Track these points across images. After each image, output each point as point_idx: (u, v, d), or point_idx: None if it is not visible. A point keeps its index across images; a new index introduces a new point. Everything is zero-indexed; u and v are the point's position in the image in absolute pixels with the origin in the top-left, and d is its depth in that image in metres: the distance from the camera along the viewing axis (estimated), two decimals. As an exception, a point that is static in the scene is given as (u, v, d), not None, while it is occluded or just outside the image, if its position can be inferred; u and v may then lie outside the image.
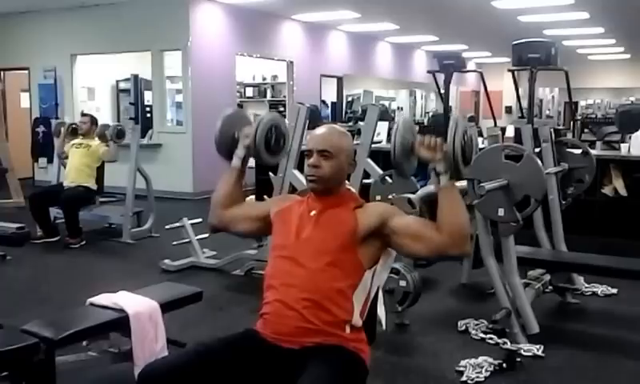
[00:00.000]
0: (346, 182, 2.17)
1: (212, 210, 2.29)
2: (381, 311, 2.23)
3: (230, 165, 2.30)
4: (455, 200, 1.95)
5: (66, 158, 6.23)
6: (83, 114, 6.44)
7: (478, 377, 3.08)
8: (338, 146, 2.06)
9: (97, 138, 6.21)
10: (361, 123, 4.83)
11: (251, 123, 2.36)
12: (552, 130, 4.48)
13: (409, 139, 2.10)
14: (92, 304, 2.86)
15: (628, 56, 16.07)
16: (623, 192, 5.75)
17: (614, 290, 4.48)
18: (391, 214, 2.02)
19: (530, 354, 3.33)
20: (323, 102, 11.73)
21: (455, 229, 1.91)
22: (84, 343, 2.83)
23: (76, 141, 6.24)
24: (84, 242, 5.96)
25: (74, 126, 6.49)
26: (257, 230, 2.30)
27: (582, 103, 17.40)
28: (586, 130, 11.93)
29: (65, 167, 6.30)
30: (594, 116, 16.93)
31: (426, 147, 2.00)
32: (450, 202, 1.94)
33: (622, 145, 6.23)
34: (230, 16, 9.33)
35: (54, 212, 6.20)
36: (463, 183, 3.22)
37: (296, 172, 4.43)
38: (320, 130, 2.12)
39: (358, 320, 1.99)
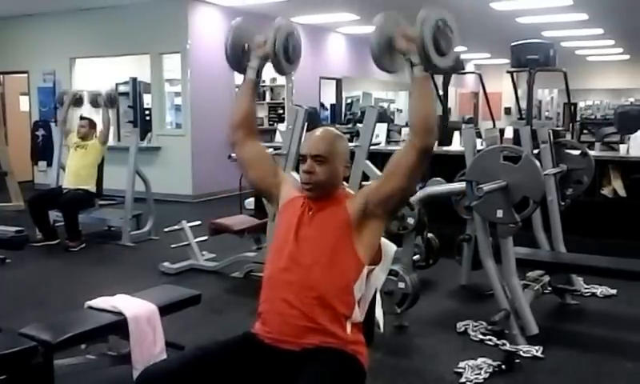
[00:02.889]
0: (345, 183, 2.16)
1: (230, 130, 2.24)
2: (379, 313, 2.22)
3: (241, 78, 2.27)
4: (424, 89, 1.95)
5: (67, 140, 6.36)
6: (82, 118, 6.43)
7: (477, 378, 3.08)
8: (332, 150, 2.04)
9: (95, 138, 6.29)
10: (359, 125, 4.83)
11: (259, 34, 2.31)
12: (551, 131, 4.48)
13: (390, 31, 1.99)
14: (90, 307, 2.86)
15: (627, 57, 16.08)
16: (622, 193, 5.75)
17: (614, 291, 4.48)
18: (370, 186, 2.08)
19: (529, 355, 3.34)
20: (322, 104, 11.73)
21: (421, 116, 1.94)
22: (82, 346, 2.83)
23: (74, 140, 6.26)
24: (83, 245, 5.96)
25: (78, 96, 6.56)
26: (261, 187, 2.24)
27: (581, 104, 17.41)
28: (585, 131, 11.94)
29: (64, 170, 6.31)
30: (593, 117, 16.95)
31: (405, 37, 1.95)
32: (419, 92, 1.95)
33: (620, 146, 6.22)
34: (228, 18, 9.32)
35: (54, 215, 6.20)
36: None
37: (294, 174, 4.42)
38: (314, 135, 2.09)
39: (358, 315, 2.00)
